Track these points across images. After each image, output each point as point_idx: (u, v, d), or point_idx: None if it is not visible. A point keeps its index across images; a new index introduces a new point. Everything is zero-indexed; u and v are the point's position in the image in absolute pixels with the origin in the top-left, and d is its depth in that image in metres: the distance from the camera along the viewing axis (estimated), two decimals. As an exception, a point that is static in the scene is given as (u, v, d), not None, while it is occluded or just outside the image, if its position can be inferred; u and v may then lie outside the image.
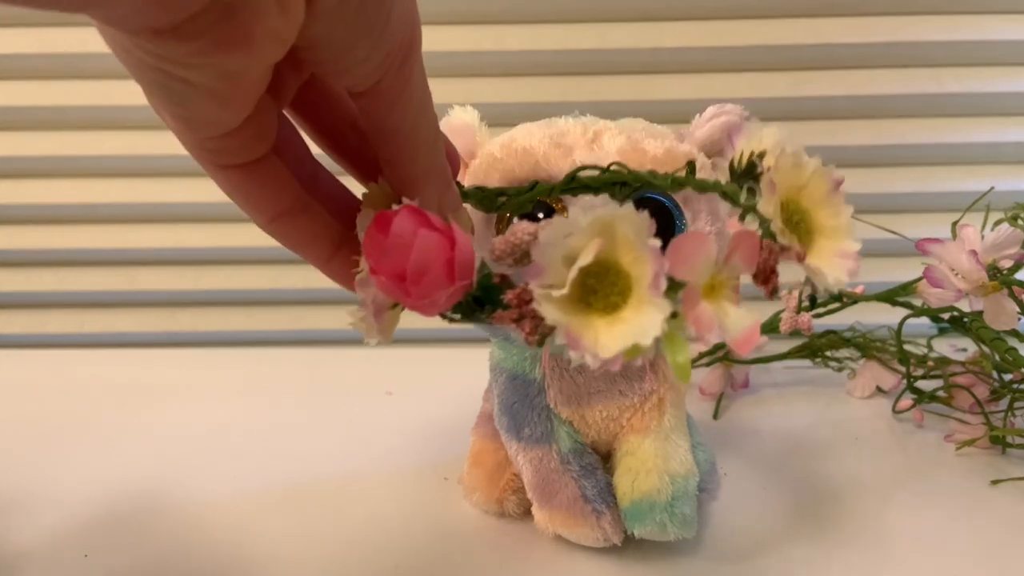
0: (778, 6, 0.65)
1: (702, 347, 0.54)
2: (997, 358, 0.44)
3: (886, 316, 0.50)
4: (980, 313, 0.41)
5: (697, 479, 0.35)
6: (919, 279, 0.44)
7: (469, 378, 0.42)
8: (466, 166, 0.35)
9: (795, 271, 0.21)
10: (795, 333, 0.50)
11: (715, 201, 0.34)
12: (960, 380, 0.48)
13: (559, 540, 0.35)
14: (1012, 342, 0.42)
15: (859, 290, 0.50)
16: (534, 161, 0.32)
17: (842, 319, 0.52)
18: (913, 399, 0.48)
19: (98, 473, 0.43)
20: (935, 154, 0.67)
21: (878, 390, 0.52)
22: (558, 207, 0.32)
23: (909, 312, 0.47)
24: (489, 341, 0.38)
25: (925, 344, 0.53)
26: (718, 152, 0.35)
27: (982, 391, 0.46)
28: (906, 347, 0.49)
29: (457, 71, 0.64)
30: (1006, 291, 0.40)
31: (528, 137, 0.33)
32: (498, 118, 0.36)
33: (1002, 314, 0.40)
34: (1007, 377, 0.46)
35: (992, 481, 0.41)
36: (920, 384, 0.49)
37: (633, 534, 0.34)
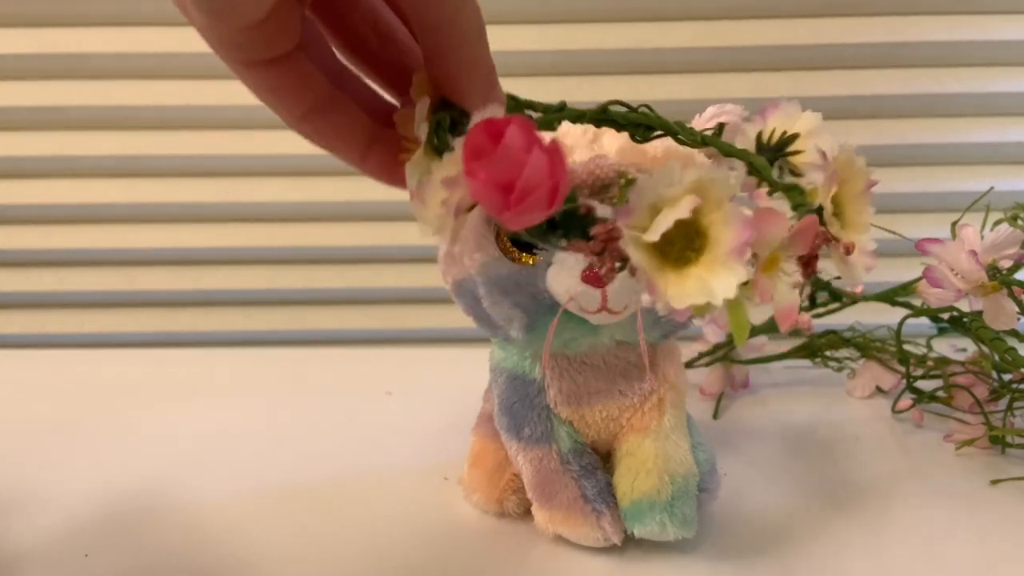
0: (778, 6, 0.65)
1: (701, 347, 0.54)
2: (997, 358, 0.44)
3: (886, 316, 0.50)
4: (980, 313, 0.41)
5: (697, 479, 0.35)
6: (919, 279, 0.44)
7: (469, 378, 0.42)
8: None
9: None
10: (795, 333, 0.50)
11: None
12: (960, 380, 0.48)
13: (559, 540, 0.35)
14: (1012, 342, 0.42)
15: (859, 290, 0.50)
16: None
17: (842, 319, 0.52)
18: (913, 399, 0.48)
19: (98, 473, 0.43)
20: (935, 154, 0.67)
21: (878, 390, 0.52)
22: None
23: (909, 312, 0.47)
24: (489, 341, 0.38)
25: (925, 344, 0.53)
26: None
27: (982, 391, 0.47)
28: (906, 347, 0.49)
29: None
30: (1006, 291, 0.40)
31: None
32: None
33: (1002, 314, 0.40)
34: (1007, 377, 0.46)
35: (992, 481, 0.41)
36: (920, 384, 0.49)
37: (633, 534, 0.34)
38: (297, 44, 0.23)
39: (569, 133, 0.32)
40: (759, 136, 0.27)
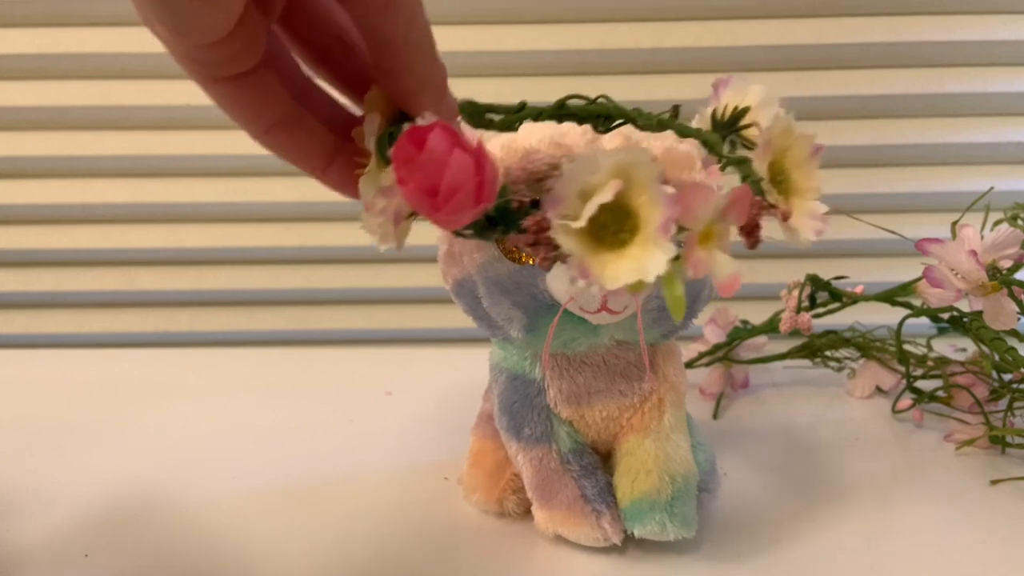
0: (779, 6, 0.65)
1: (701, 347, 0.54)
2: (997, 358, 0.44)
3: (886, 316, 0.50)
4: (980, 313, 0.41)
5: (697, 479, 0.35)
6: (919, 279, 0.44)
7: (469, 378, 0.42)
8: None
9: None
10: (795, 333, 0.50)
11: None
12: (960, 380, 0.48)
13: (559, 540, 0.35)
14: (1012, 342, 0.42)
15: (859, 290, 0.50)
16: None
17: (842, 319, 0.52)
18: (913, 399, 0.48)
19: (98, 473, 0.43)
20: (935, 154, 0.67)
21: (878, 390, 0.52)
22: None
23: (909, 312, 0.47)
24: (489, 341, 0.38)
25: (925, 344, 0.53)
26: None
27: (982, 391, 0.47)
28: (906, 347, 0.49)
29: (457, 71, 0.64)
30: (1006, 291, 0.40)
31: (528, 138, 0.33)
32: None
33: (1002, 314, 0.40)
34: (1007, 377, 0.46)
35: (992, 481, 0.41)
36: (920, 384, 0.49)
37: (633, 534, 0.34)
38: (262, 59, 0.23)
39: (568, 133, 0.32)
40: (713, 113, 0.27)
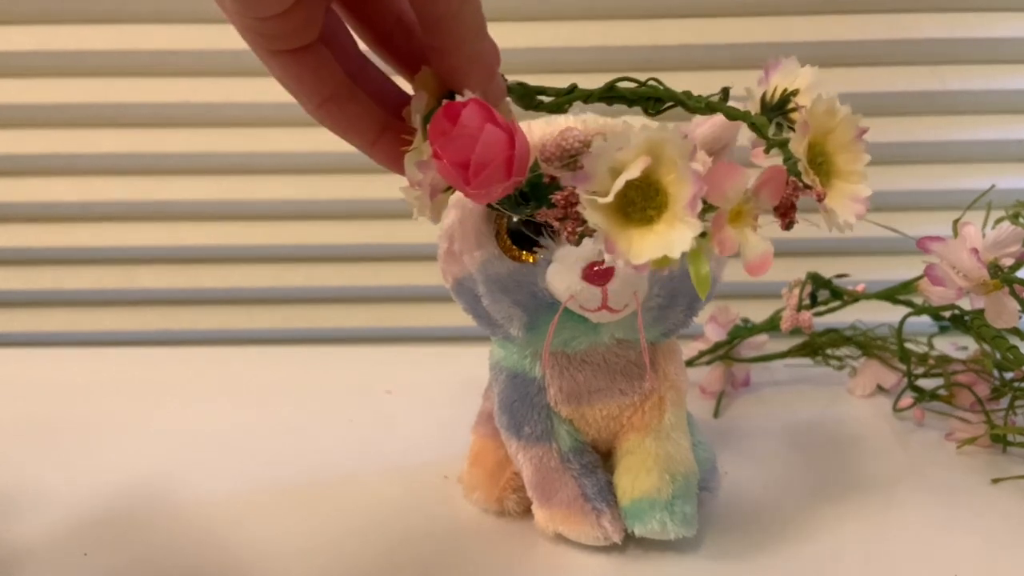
0: (780, 3, 0.64)
1: (702, 346, 0.54)
2: (998, 356, 0.44)
3: (887, 314, 0.50)
4: (981, 311, 0.41)
5: (698, 478, 0.35)
6: (920, 277, 0.44)
7: (469, 377, 0.42)
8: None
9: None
10: (796, 331, 0.50)
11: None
12: (961, 378, 0.47)
13: (559, 539, 0.35)
14: (1013, 340, 0.42)
15: (860, 288, 0.50)
16: (534, 159, 0.32)
17: (843, 317, 0.52)
18: (914, 397, 0.48)
19: (98, 471, 0.43)
20: (937, 152, 0.67)
21: (879, 388, 0.52)
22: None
23: (910, 310, 0.47)
24: (489, 340, 0.38)
25: (926, 342, 0.53)
26: (720, 148, 0.35)
27: (983, 389, 0.46)
28: (907, 345, 0.49)
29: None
30: (1007, 289, 0.40)
31: (529, 135, 0.33)
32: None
33: (1003, 312, 0.40)
34: (1008, 375, 0.46)
35: (993, 480, 0.41)
36: (921, 382, 0.49)
37: (633, 533, 0.34)
38: (319, 35, 0.25)
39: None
40: (763, 96, 0.27)
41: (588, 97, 0.27)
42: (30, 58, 0.65)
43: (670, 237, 0.21)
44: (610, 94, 0.27)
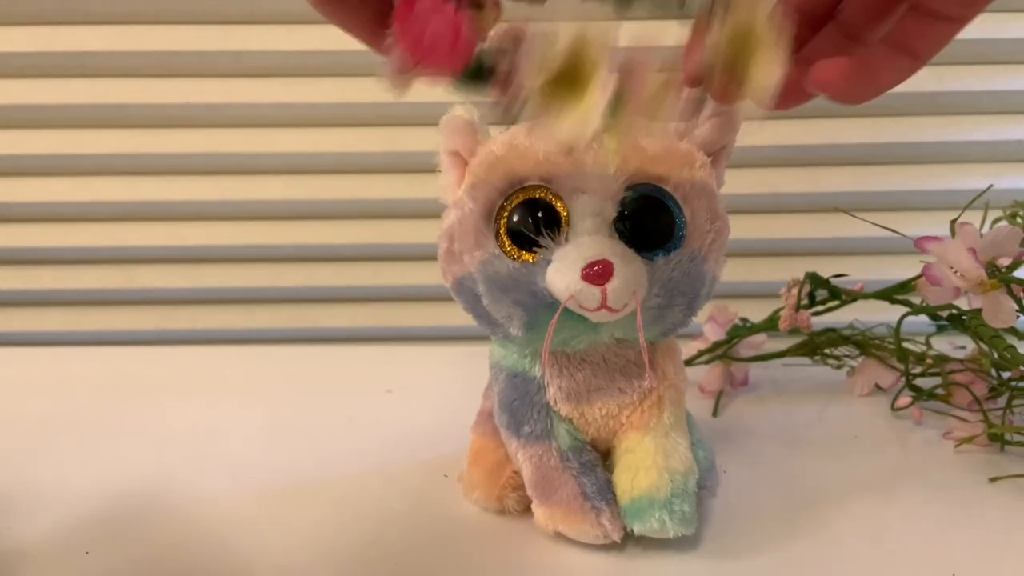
0: (777, 4, 0.64)
1: (701, 345, 0.54)
2: (996, 356, 0.44)
3: (885, 314, 0.50)
4: (979, 311, 0.41)
5: (696, 476, 0.35)
6: (918, 277, 0.44)
7: (469, 376, 0.42)
8: (467, 164, 0.35)
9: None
10: (794, 331, 0.50)
11: (714, 199, 0.34)
12: (959, 378, 0.48)
13: (559, 537, 0.35)
14: (1011, 340, 0.42)
15: (858, 288, 0.50)
16: (535, 159, 0.32)
17: (841, 317, 0.52)
18: (912, 397, 0.48)
19: (98, 471, 0.43)
20: (934, 152, 0.67)
21: (877, 388, 0.52)
22: (558, 205, 0.32)
23: (908, 310, 0.48)
24: (489, 339, 0.38)
25: (924, 342, 0.53)
26: (719, 150, 0.35)
27: (980, 389, 0.47)
28: (905, 345, 0.49)
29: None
30: (1005, 289, 0.40)
31: (529, 135, 0.33)
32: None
33: (1001, 312, 0.40)
34: (1005, 375, 0.46)
35: (990, 478, 0.41)
36: (919, 382, 0.49)
37: (632, 531, 0.34)
38: None
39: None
40: None
41: None
42: (30, 58, 0.65)
43: (588, 111, 0.25)
44: None
